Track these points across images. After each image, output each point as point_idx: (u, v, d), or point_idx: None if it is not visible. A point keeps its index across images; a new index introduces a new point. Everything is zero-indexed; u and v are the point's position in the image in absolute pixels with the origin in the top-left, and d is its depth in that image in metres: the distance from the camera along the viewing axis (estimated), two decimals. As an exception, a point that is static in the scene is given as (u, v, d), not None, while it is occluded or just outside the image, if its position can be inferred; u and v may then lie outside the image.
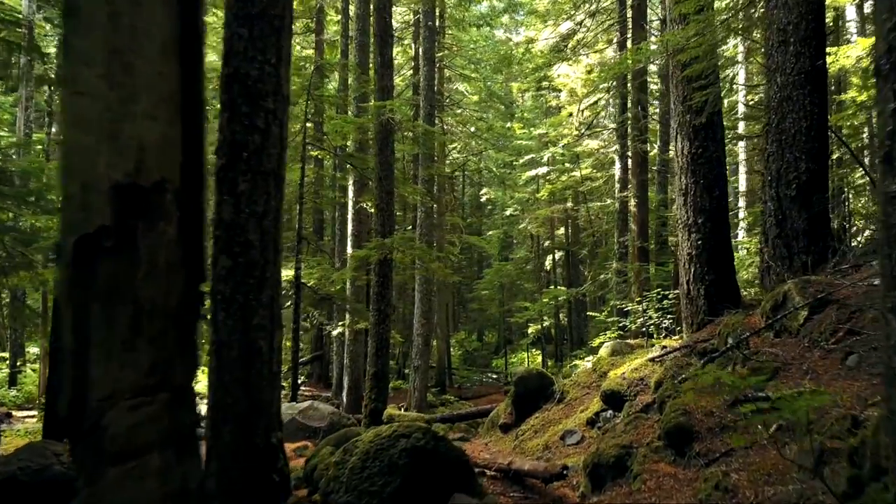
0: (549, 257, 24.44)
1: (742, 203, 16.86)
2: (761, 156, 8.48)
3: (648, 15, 15.76)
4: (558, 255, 24.01)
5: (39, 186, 9.24)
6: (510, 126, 26.14)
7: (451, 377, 23.71)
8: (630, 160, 15.00)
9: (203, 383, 6.79)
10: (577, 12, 16.84)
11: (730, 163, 14.70)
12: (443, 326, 22.67)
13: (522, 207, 25.26)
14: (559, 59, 16.94)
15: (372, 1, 13.37)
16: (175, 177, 1.92)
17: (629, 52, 10.76)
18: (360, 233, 14.70)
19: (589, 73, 15.96)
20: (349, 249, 14.80)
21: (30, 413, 14.39)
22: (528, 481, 5.39)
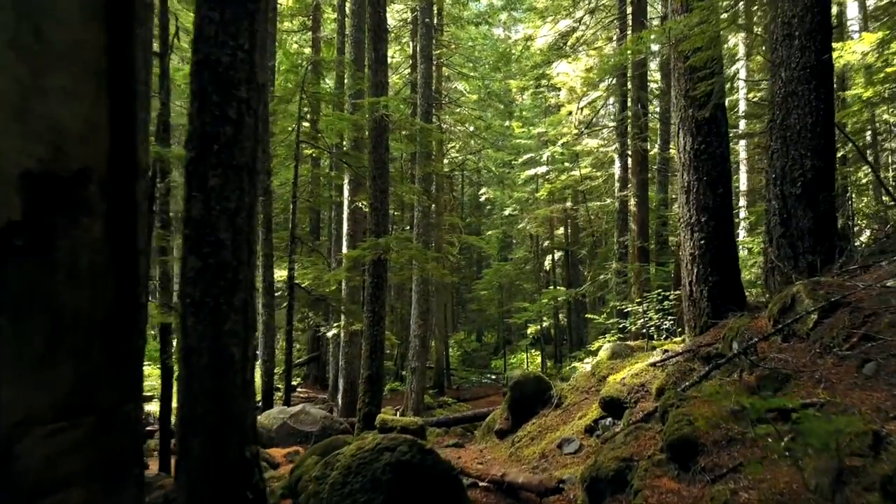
0: (549, 257, 24.19)
1: (743, 202, 16.63)
2: (765, 153, 8.22)
3: (648, 12, 15.52)
4: (557, 255, 23.76)
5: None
6: (509, 125, 25.90)
7: (450, 378, 23.47)
8: (630, 159, 14.77)
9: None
10: (577, 9, 16.64)
11: (731, 161, 14.46)
12: (441, 327, 22.42)
13: (521, 207, 25.03)
14: (558, 57, 16.70)
15: (367, -4, 13.12)
16: (101, 166, 1.65)
17: (629, 42, 10.46)
18: (356, 233, 14.44)
19: (588, 72, 15.71)
20: (345, 250, 14.55)
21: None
22: (523, 494, 5.12)
